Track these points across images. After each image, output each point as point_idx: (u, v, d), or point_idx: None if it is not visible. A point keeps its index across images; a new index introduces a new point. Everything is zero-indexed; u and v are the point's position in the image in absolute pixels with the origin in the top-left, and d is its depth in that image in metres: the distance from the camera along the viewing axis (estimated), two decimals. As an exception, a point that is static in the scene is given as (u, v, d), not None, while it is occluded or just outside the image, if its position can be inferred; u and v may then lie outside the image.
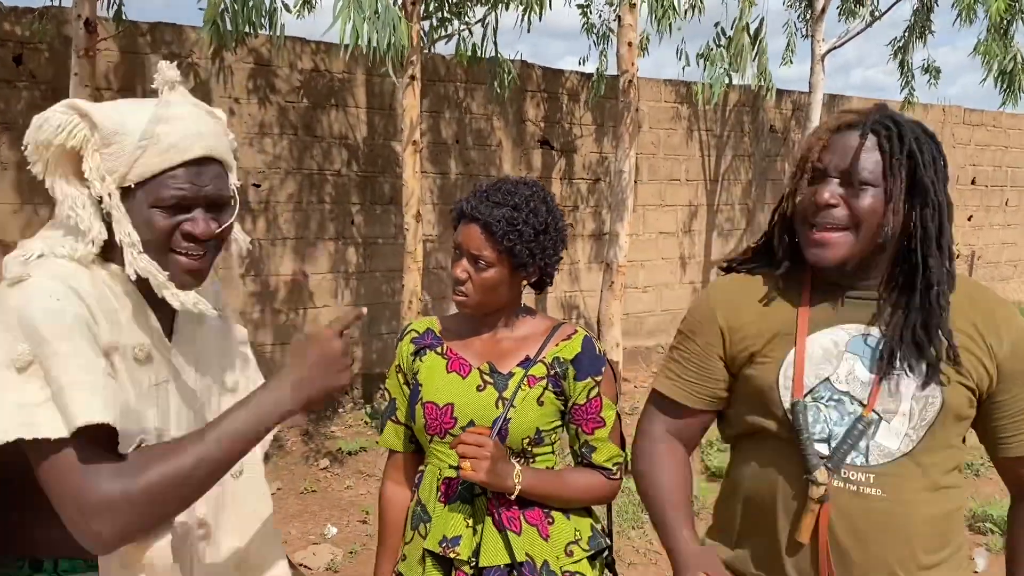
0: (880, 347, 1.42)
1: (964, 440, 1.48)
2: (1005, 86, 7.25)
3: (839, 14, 7.56)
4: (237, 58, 5.82)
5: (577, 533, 1.73)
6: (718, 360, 1.55)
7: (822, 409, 1.43)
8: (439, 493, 1.71)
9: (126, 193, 1.24)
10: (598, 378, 1.72)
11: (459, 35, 5.65)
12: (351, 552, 4.09)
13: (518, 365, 1.73)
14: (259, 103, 5.96)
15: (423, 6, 5.19)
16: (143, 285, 1.27)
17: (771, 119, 8.92)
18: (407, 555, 1.75)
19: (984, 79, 7.50)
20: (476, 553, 1.66)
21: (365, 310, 1.40)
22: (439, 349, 1.78)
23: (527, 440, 1.69)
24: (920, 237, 1.41)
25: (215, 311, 1.40)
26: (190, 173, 1.25)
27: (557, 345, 1.74)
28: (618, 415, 1.77)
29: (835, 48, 7.52)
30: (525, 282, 1.76)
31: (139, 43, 5.49)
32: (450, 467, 1.71)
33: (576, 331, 1.77)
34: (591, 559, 1.74)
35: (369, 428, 5.97)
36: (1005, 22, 7.03)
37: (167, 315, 1.35)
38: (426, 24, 5.52)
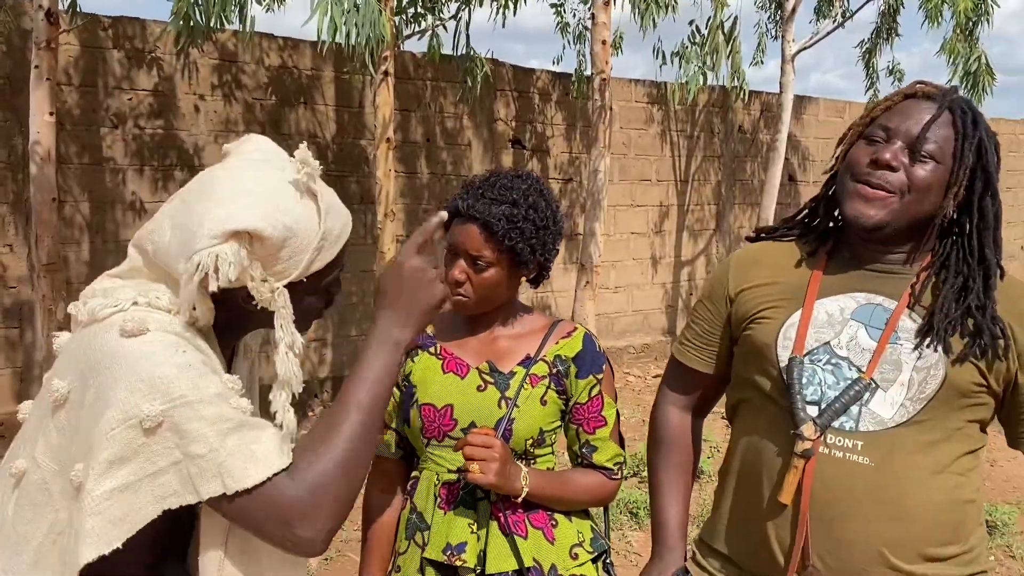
0: (911, 321, 1.39)
1: (983, 430, 1.42)
2: (970, 87, 7.36)
3: (814, 13, 7.59)
4: (203, 53, 5.67)
5: (580, 535, 1.67)
6: (723, 324, 1.59)
7: (817, 371, 1.40)
8: (438, 499, 1.63)
9: (290, 287, 1.16)
10: (599, 376, 1.67)
11: (432, 32, 5.57)
12: (326, 559, 3.98)
13: (519, 364, 1.66)
14: (225, 99, 5.82)
15: (396, 1, 5.10)
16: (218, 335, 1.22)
17: (740, 120, 8.96)
18: (402, 566, 1.67)
19: (950, 79, 7.61)
20: (481, 560, 1.58)
21: (444, 214, 1.35)
22: (432, 349, 1.70)
23: (530, 441, 1.63)
24: (978, 225, 1.39)
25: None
26: (343, 251, 1.24)
27: (557, 343, 1.68)
28: (617, 413, 1.71)
29: (805, 48, 7.56)
30: (524, 278, 1.68)
31: (100, 37, 5.33)
32: (449, 471, 1.63)
33: (576, 328, 1.72)
34: (594, 561, 1.69)
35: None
36: (971, 23, 7.13)
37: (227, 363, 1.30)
38: (398, 19, 5.42)
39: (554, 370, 1.65)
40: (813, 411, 1.38)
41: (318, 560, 3.93)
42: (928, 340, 1.36)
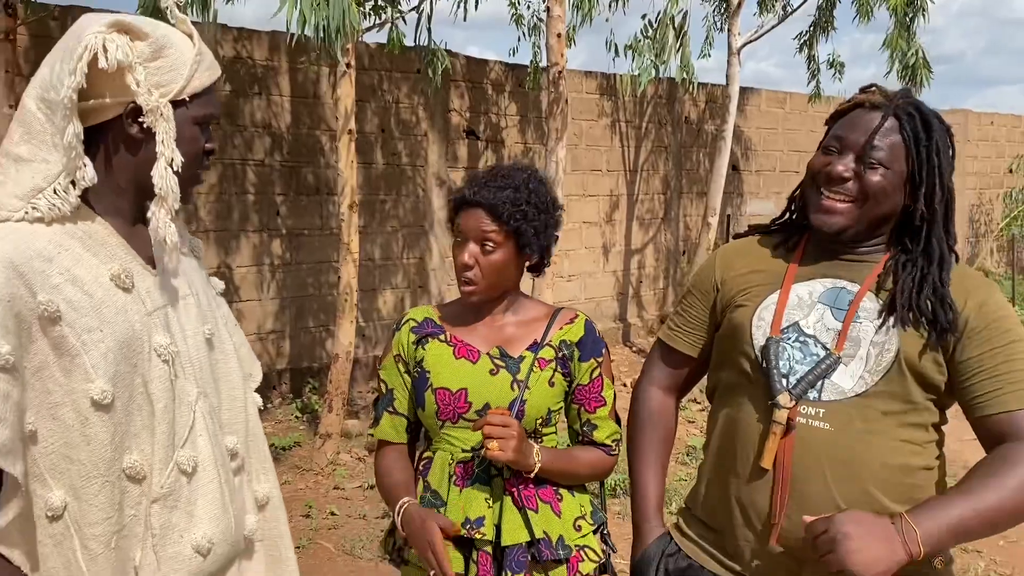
0: (872, 305, 1.52)
1: (936, 403, 1.52)
2: (908, 79, 7.67)
3: (758, 7, 7.80)
4: (155, 44, 5.61)
5: (582, 509, 1.78)
6: (708, 310, 1.71)
7: (787, 348, 1.54)
8: (454, 477, 1.72)
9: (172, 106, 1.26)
10: (600, 359, 1.79)
11: (392, 24, 5.59)
12: (299, 547, 4.03)
13: (527, 349, 1.76)
14: (179, 91, 5.77)
15: (356, -7, 5.11)
16: (110, 216, 1.30)
17: (687, 111, 9.16)
18: None
19: (888, 72, 7.92)
20: (496, 533, 1.68)
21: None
22: (442, 337, 1.79)
23: (540, 420, 1.73)
24: (929, 220, 1.52)
25: (195, 246, 1.48)
26: (214, 94, 1.32)
27: (562, 328, 1.79)
28: (615, 393, 1.83)
29: (751, 42, 7.77)
30: (527, 263, 1.78)
31: (50, 27, 5.23)
32: (463, 451, 1.72)
33: (577, 315, 1.83)
34: (594, 532, 1.80)
35: (301, 423, 5.87)
36: (908, 17, 7.41)
37: (144, 246, 1.36)
38: (363, 10, 5.43)
39: (560, 354, 1.76)
40: (785, 382, 1.51)
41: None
42: (887, 319, 1.50)
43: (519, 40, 7.25)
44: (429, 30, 5.77)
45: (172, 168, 1.25)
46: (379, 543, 1.89)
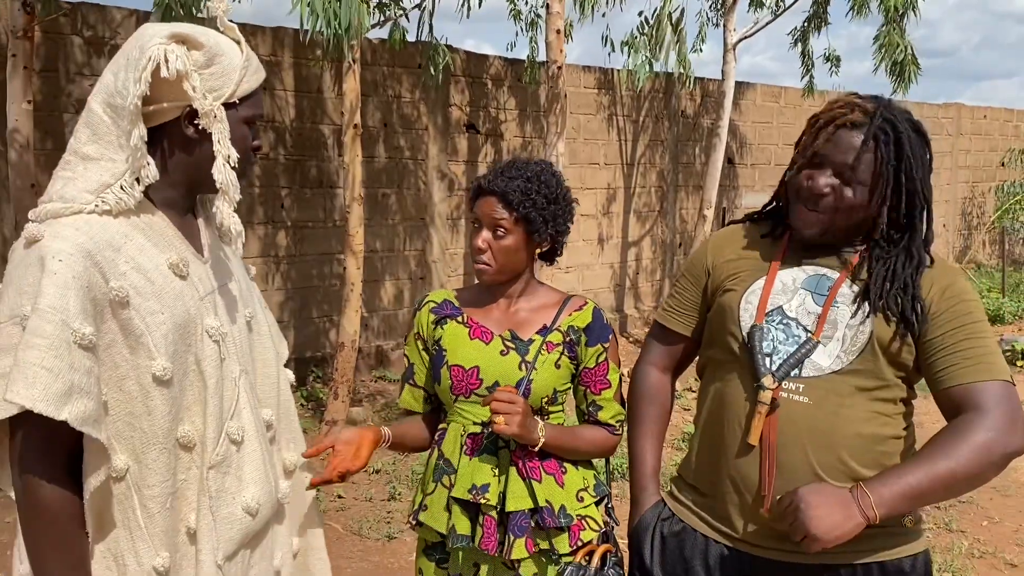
0: (843, 289, 1.67)
1: (905, 380, 1.66)
2: (896, 75, 7.81)
3: (750, 3, 7.91)
4: (163, 40, 5.73)
5: (585, 481, 1.92)
6: (700, 293, 1.85)
7: (772, 330, 1.69)
8: (464, 447, 1.87)
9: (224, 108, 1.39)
10: (606, 345, 1.92)
11: (395, 20, 5.72)
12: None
13: (537, 333, 1.90)
14: (186, 86, 5.89)
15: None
16: (166, 208, 1.44)
17: (683, 106, 9.30)
18: (428, 505, 1.90)
19: (876, 68, 8.04)
20: (501, 500, 1.83)
21: None
22: (460, 318, 1.94)
23: (545, 399, 1.88)
24: (902, 227, 1.67)
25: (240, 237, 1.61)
26: (260, 95, 1.47)
27: (570, 315, 1.92)
28: (620, 378, 1.97)
29: (746, 37, 7.90)
30: (538, 250, 1.93)
31: (60, 23, 5.35)
32: (474, 424, 1.87)
33: (586, 303, 1.96)
34: (597, 504, 1.94)
35: (307, 410, 6.01)
36: (899, 14, 7.54)
37: (193, 235, 1.51)
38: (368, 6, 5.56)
39: (567, 339, 1.90)
40: (768, 362, 1.66)
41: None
42: (862, 305, 1.64)
43: (517, 35, 7.36)
44: (431, 26, 5.90)
45: (230, 164, 1.39)
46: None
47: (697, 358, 1.94)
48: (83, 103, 4.77)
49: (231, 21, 1.46)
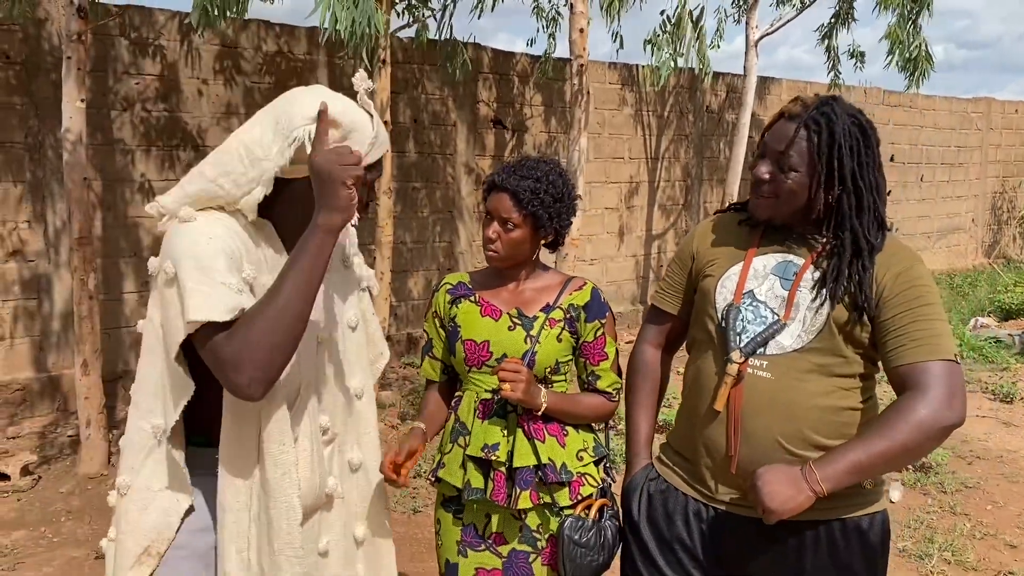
0: (806, 275, 1.83)
1: (864, 356, 1.80)
2: (910, 72, 7.87)
3: (774, 0, 8.03)
4: (204, 41, 6.01)
5: (585, 443, 2.15)
6: (686, 276, 2.04)
7: (742, 311, 1.86)
8: (477, 412, 2.11)
9: None
10: (603, 320, 2.15)
11: (423, 21, 5.95)
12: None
13: (540, 310, 2.13)
14: (226, 84, 6.18)
15: (391, -6, 5.47)
16: (285, 238, 1.66)
17: (707, 101, 9.43)
18: (446, 463, 2.15)
19: (888, 64, 8.10)
20: (510, 457, 2.06)
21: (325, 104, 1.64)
22: (472, 298, 2.18)
23: (548, 369, 2.10)
24: (841, 214, 1.81)
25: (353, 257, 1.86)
26: (382, 161, 1.69)
27: (571, 294, 2.15)
28: (617, 350, 2.19)
29: (768, 34, 8.03)
30: (543, 241, 2.15)
31: (108, 25, 5.65)
32: (486, 391, 2.11)
33: (586, 283, 2.19)
34: (596, 463, 2.17)
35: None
36: (914, 12, 7.61)
37: None
38: (396, 9, 5.80)
39: (568, 315, 2.13)
40: (738, 340, 1.84)
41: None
42: (820, 291, 1.80)
43: (538, 32, 7.54)
44: (451, 26, 6.12)
45: (352, 223, 1.62)
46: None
47: (688, 336, 2.12)
48: (130, 100, 5.15)
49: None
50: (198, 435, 1.65)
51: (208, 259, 1.49)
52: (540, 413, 2.05)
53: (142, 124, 5.85)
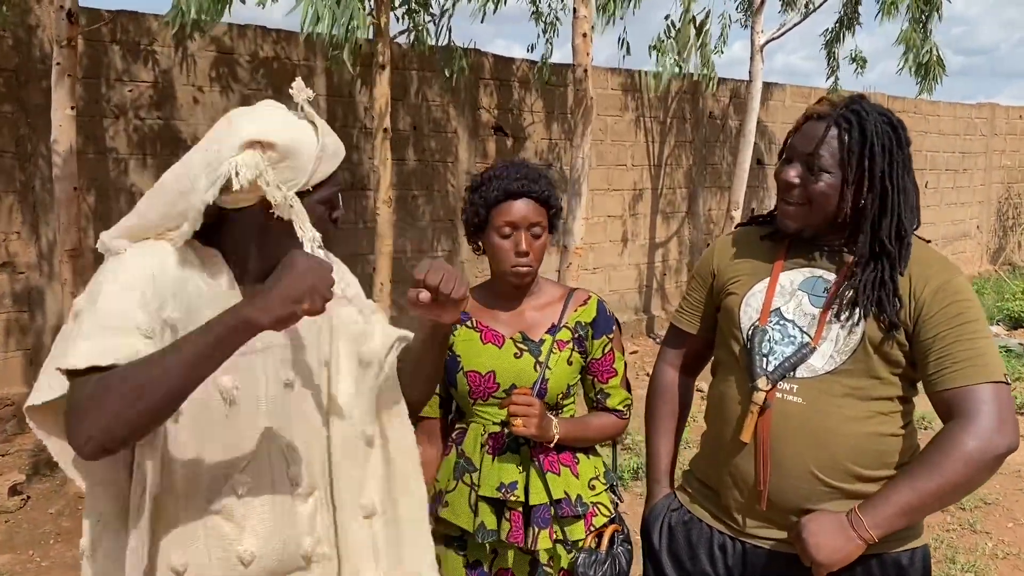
0: (840, 291, 1.69)
1: (902, 378, 1.68)
2: (921, 77, 7.76)
3: (781, 4, 7.92)
4: (199, 47, 5.89)
5: (596, 470, 2.02)
6: (707, 294, 1.91)
7: (769, 331, 1.73)
8: (486, 447, 1.95)
9: (299, 196, 1.44)
10: (611, 336, 2.02)
11: (423, 27, 5.83)
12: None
13: (546, 332, 1.98)
14: (221, 91, 6.05)
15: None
16: (236, 269, 1.49)
17: (710, 107, 9.32)
18: (450, 502, 1.98)
19: (900, 69, 8.00)
20: (525, 494, 1.92)
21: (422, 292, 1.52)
22: (469, 324, 2.00)
23: (560, 395, 1.97)
24: (870, 218, 1.67)
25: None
26: (339, 172, 1.51)
27: (576, 311, 2.01)
28: (625, 364, 2.06)
29: (774, 39, 7.92)
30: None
31: (100, 31, 5.53)
32: (494, 424, 1.96)
33: (590, 296, 2.05)
34: (606, 490, 2.04)
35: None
36: (924, 15, 7.51)
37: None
38: (395, 14, 5.68)
39: (576, 335, 1.98)
40: (764, 362, 1.70)
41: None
42: (853, 309, 1.66)
43: (538, 37, 7.43)
44: (449, 30, 6.00)
45: (316, 245, 1.43)
46: None
47: (713, 357, 1.99)
48: (122, 108, 4.98)
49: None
50: None
51: (114, 297, 1.34)
52: (553, 444, 1.91)
53: (136, 133, 5.72)
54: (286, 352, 1.57)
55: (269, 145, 1.41)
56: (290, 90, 1.49)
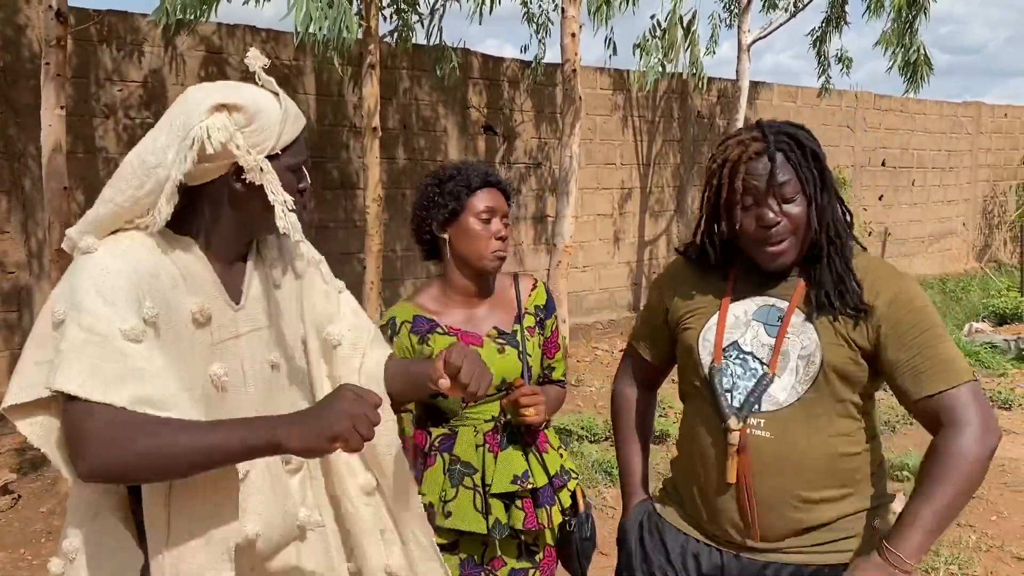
0: (798, 321, 1.70)
1: (863, 395, 1.71)
2: (909, 76, 7.83)
3: (763, 5, 7.97)
4: (188, 47, 5.90)
5: (556, 440, 2.12)
6: (663, 327, 1.91)
7: (730, 365, 1.73)
8: (486, 445, 1.96)
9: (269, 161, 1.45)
10: (555, 313, 2.14)
11: (411, 25, 5.85)
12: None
13: (515, 322, 2.04)
14: (211, 91, 6.06)
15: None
16: (213, 254, 1.49)
17: (698, 106, 9.37)
18: (452, 511, 1.94)
19: (890, 68, 8.06)
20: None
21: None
22: (440, 330, 1.99)
23: (540, 378, 2.08)
24: (832, 220, 1.69)
25: (308, 265, 1.67)
26: (302, 140, 1.52)
27: (530, 296, 2.10)
28: (565, 338, 2.15)
29: (761, 38, 7.96)
30: None
31: (90, 31, 5.53)
32: (486, 422, 1.98)
33: (536, 281, 2.14)
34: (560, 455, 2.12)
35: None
36: (910, 16, 7.57)
37: (236, 281, 1.54)
38: (385, 13, 5.69)
39: (537, 318, 2.08)
40: (729, 398, 1.72)
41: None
42: (809, 331, 1.68)
43: (530, 38, 7.46)
44: (440, 29, 6.03)
45: (288, 207, 1.44)
46: None
47: (678, 384, 1.98)
48: (112, 108, 4.99)
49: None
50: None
51: (98, 308, 1.32)
52: (541, 427, 1.98)
53: (125, 132, 5.72)
54: (271, 333, 1.59)
55: (235, 107, 1.41)
56: (245, 59, 1.50)
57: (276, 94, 1.49)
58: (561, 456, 2.08)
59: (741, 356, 1.73)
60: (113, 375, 1.29)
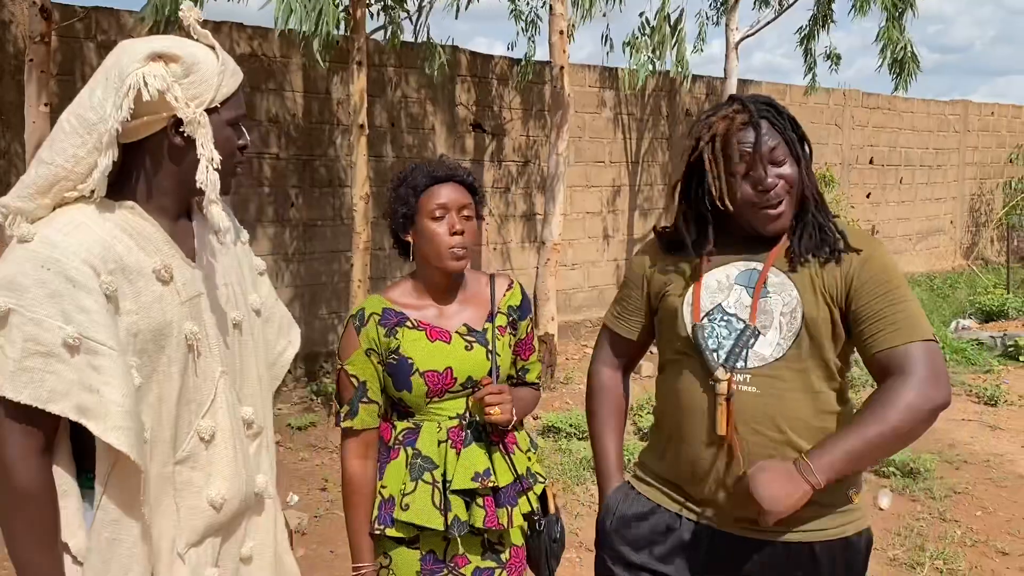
0: (775, 278, 1.78)
1: (841, 356, 1.77)
2: (897, 73, 7.87)
3: (753, 3, 7.99)
4: (175, 43, 5.87)
5: (526, 441, 2.11)
6: (644, 300, 1.96)
7: (715, 327, 1.80)
8: (449, 442, 1.95)
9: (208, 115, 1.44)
10: (531, 315, 2.13)
11: (398, 22, 5.84)
12: (316, 516, 4.30)
13: (487, 321, 2.03)
14: (197, 88, 6.03)
15: (365, -6, 5.36)
16: (156, 212, 1.49)
17: (686, 104, 9.38)
18: (410, 504, 1.92)
19: (880, 66, 8.11)
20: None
21: None
22: (409, 324, 1.98)
23: (509, 377, 2.07)
24: (811, 179, 1.81)
25: (239, 233, 1.68)
26: (241, 95, 1.51)
27: (504, 296, 2.08)
28: (538, 339, 2.15)
29: (748, 36, 7.98)
30: None
31: (75, 28, 5.50)
32: (450, 418, 1.97)
33: (512, 281, 2.13)
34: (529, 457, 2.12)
35: (316, 404, 6.14)
36: (899, 12, 7.61)
37: (188, 241, 1.55)
38: (373, 11, 5.68)
39: (510, 318, 2.07)
40: (716, 356, 1.77)
41: (308, 517, 4.24)
42: (790, 288, 1.76)
43: (518, 35, 7.46)
44: (428, 27, 6.02)
45: (213, 166, 1.43)
46: None
47: (657, 358, 2.02)
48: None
49: (204, 23, 1.51)
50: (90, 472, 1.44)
51: (41, 308, 1.30)
52: (511, 426, 1.97)
53: (111, 129, 5.69)
54: (229, 291, 1.60)
55: (172, 58, 1.39)
56: (180, 11, 1.49)
57: (212, 47, 1.48)
58: (530, 459, 2.07)
59: (725, 318, 1.80)
60: (61, 406, 1.30)
